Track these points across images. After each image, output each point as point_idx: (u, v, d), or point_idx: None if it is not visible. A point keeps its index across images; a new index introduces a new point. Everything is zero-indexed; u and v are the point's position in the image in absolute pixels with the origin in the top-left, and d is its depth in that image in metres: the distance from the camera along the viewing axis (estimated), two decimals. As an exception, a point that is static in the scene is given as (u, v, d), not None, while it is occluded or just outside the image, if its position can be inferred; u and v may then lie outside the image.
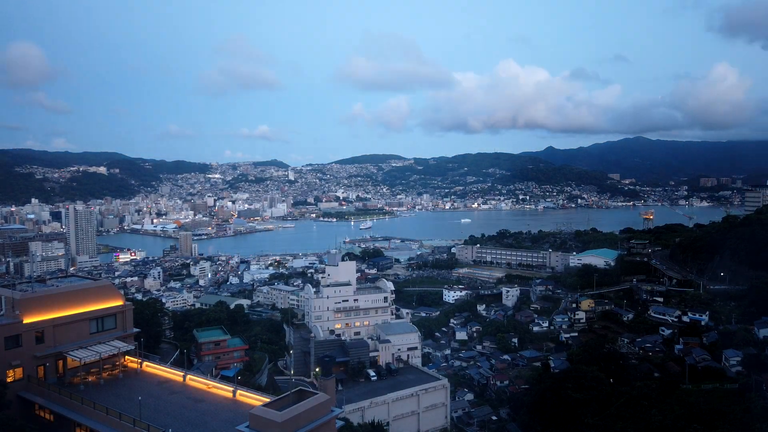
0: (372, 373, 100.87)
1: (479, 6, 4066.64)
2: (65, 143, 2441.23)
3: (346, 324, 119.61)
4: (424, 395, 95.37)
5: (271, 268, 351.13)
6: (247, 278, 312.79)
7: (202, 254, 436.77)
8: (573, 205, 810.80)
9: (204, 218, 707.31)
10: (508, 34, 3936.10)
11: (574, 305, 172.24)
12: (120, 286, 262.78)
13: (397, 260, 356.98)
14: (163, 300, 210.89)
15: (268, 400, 37.76)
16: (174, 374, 48.22)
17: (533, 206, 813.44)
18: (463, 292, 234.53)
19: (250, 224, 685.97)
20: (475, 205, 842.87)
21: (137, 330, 55.28)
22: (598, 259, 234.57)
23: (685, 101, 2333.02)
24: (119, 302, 53.66)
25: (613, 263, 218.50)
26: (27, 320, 46.26)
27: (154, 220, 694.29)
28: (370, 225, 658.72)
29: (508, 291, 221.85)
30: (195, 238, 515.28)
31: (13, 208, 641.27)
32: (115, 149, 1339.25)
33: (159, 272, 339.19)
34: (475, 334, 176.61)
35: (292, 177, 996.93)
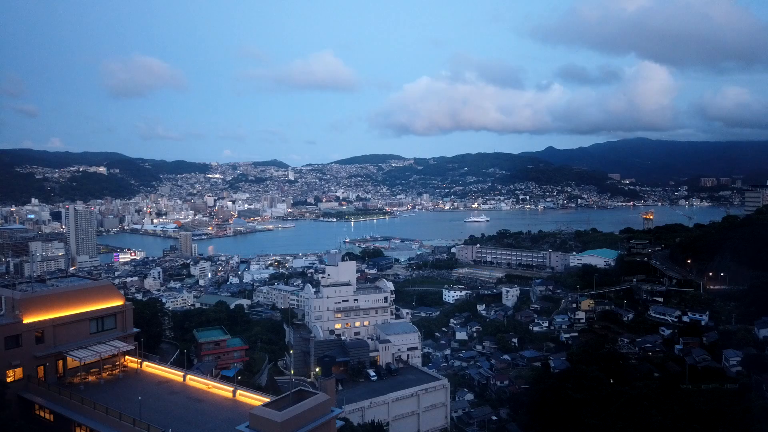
0: (372, 373, 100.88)
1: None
2: (64, 143, 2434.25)
3: (346, 324, 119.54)
4: (424, 395, 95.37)
5: (271, 268, 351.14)
6: (247, 278, 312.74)
7: (202, 254, 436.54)
8: (573, 205, 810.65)
9: (204, 218, 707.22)
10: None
11: (574, 305, 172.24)
12: (120, 286, 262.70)
13: (397, 260, 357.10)
14: (163, 300, 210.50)
15: (268, 400, 37.79)
16: (174, 374, 48.22)
17: (533, 206, 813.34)
18: (463, 292, 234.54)
19: (250, 224, 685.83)
20: (475, 205, 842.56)
21: (137, 330, 55.32)
22: (598, 259, 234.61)
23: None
24: (119, 302, 53.71)
25: (613, 263, 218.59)
26: (27, 320, 46.29)
27: (154, 220, 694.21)
28: (486, 219, 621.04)
29: (508, 291, 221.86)
30: (195, 238, 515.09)
31: (13, 208, 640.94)
32: (115, 149, 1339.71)
33: (159, 272, 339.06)
34: (475, 334, 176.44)
35: (292, 177, 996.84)
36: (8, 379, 44.66)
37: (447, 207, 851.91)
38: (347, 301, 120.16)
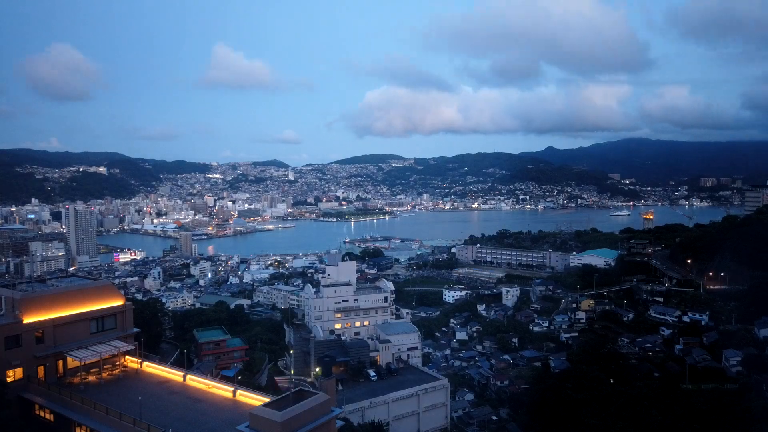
0: (372, 373, 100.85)
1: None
2: (64, 143, 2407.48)
3: (346, 324, 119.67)
4: (424, 395, 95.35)
5: (271, 268, 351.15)
6: (247, 278, 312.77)
7: (202, 254, 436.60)
8: (573, 205, 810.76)
9: (204, 218, 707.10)
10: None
11: (574, 305, 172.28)
12: (120, 286, 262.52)
13: (397, 260, 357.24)
14: (163, 300, 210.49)
15: (268, 400, 37.80)
16: (174, 374, 48.22)
17: (533, 206, 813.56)
18: (463, 292, 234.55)
19: (250, 224, 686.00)
20: (475, 205, 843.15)
21: (137, 330, 55.31)
22: (598, 259, 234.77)
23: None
24: (119, 302, 53.72)
25: (613, 263, 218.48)
26: (27, 320, 46.29)
27: (154, 220, 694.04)
28: (627, 213, 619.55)
29: (508, 291, 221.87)
30: (195, 238, 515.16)
31: (13, 208, 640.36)
32: (115, 149, 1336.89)
33: (159, 272, 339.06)
34: (475, 334, 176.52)
35: (292, 177, 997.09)
36: (8, 379, 44.67)
37: (447, 207, 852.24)
38: (347, 301, 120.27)
